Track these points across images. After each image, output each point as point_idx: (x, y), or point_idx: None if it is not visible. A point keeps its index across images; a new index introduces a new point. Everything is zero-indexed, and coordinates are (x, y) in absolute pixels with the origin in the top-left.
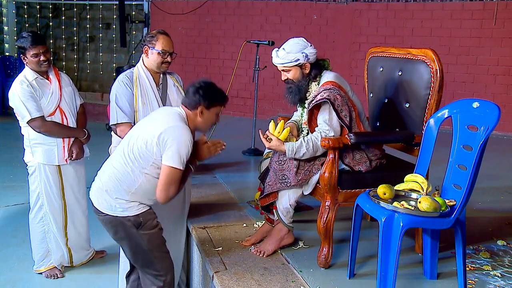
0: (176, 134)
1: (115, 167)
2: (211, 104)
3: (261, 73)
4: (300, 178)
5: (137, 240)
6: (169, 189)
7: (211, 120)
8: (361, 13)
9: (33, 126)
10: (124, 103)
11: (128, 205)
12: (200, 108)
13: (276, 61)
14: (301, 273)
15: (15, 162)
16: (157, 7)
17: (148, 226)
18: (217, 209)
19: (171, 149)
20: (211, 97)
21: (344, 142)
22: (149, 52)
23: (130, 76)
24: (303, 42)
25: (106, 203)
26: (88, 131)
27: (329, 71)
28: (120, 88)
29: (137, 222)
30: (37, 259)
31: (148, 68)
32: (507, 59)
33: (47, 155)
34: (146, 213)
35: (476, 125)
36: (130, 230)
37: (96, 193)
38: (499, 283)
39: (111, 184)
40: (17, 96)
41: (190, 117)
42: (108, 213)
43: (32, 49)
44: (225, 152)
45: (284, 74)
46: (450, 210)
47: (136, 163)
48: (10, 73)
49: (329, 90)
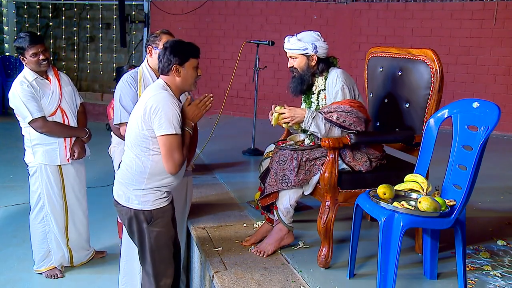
0: (157, 101)
1: (125, 160)
2: (183, 60)
3: (261, 73)
4: (300, 178)
5: (145, 236)
6: (173, 156)
7: (190, 76)
8: (361, 13)
9: (34, 126)
10: (128, 103)
11: (144, 198)
12: (174, 67)
13: (286, 46)
14: (301, 273)
15: (15, 162)
16: (157, 7)
17: (159, 224)
18: (217, 209)
19: (157, 118)
20: (180, 52)
21: (344, 142)
22: (153, 52)
23: (135, 76)
24: (317, 35)
25: (124, 195)
26: (89, 130)
27: (336, 68)
28: (125, 87)
29: (149, 217)
30: (37, 260)
31: (153, 68)
32: (507, 59)
33: (48, 155)
34: (160, 210)
35: (476, 125)
36: (141, 224)
37: (116, 185)
38: (499, 283)
39: (125, 176)
40: (17, 97)
41: (170, 82)
42: (125, 205)
43: (30, 49)
44: (225, 152)
45: (290, 61)
46: (450, 210)
47: (139, 148)
48: (10, 73)
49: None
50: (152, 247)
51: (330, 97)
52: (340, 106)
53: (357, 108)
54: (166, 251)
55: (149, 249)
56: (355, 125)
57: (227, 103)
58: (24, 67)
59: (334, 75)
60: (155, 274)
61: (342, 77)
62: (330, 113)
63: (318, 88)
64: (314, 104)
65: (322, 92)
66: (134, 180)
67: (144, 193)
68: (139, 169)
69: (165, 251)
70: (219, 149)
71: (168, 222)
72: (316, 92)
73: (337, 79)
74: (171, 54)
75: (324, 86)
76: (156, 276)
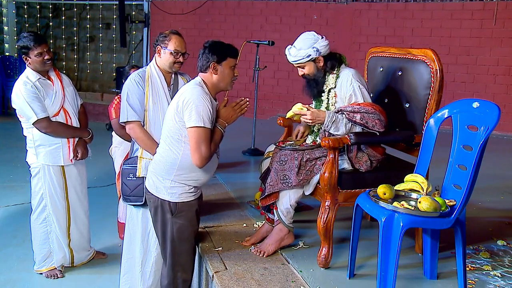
0: (189, 95)
1: (159, 151)
2: (221, 58)
3: (261, 73)
4: (301, 178)
5: (167, 226)
6: (200, 149)
7: (227, 75)
8: (361, 13)
9: (39, 127)
10: (135, 102)
11: (171, 189)
12: (212, 65)
13: (290, 59)
14: (301, 273)
15: (15, 162)
16: (157, 7)
17: (183, 217)
18: (217, 209)
19: (188, 111)
20: (219, 51)
21: (344, 142)
22: (162, 52)
23: (143, 75)
24: (313, 36)
25: (154, 184)
26: (91, 130)
27: (348, 67)
28: (132, 86)
29: (174, 208)
30: (38, 260)
31: (161, 68)
32: (507, 59)
33: (52, 156)
34: (186, 204)
35: (476, 125)
36: (166, 214)
37: (148, 174)
38: (499, 283)
39: (157, 166)
40: (21, 97)
41: (207, 79)
42: (153, 193)
43: (36, 48)
44: (225, 152)
45: (300, 70)
46: (450, 210)
47: (172, 139)
48: (10, 73)
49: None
50: (173, 238)
51: (342, 97)
52: (363, 107)
53: (379, 111)
54: (187, 244)
55: (171, 239)
56: (378, 127)
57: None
58: (26, 68)
59: (348, 74)
60: (172, 265)
61: (356, 77)
62: (354, 113)
63: (328, 87)
64: (325, 102)
65: (332, 90)
66: (164, 170)
67: (172, 184)
68: (171, 160)
69: (186, 244)
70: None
71: (192, 217)
72: (326, 91)
73: (352, 79)
74: (209, 52)
75: (335, 84)
76: (174, 267)
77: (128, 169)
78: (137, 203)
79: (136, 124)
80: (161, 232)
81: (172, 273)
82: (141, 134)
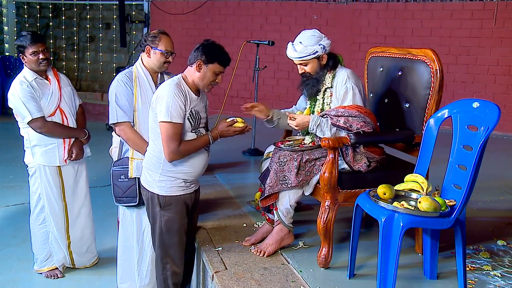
0: (162, 91)
1: (148, 146)
2: (209, 60)
3: (261, 73)
4: (300, 179)
5: (156, 219)
6: (168, 144)
7: (208, 78)
8: (361, 13)
9: (34, 126)
10: (124, 102)
11: (160, 183)
12: (198, 62)
13: (294, 55)
14: (301, 273)
15: (15, 162)
16: (157, 7)
17: (171, 210)
18: (217, 209)
19: (159, 106)
20: (210, 53)
21: (344, 142)
22: (152, 52)
23: (130, 76)
24: (318, 33)
25: (145, 178)
26: (88, 131)
27: (344, 68)
28: (120, 87)
29: (162, 201)
30: (39, 260)
31: (148, 68)
32: (507, 59)
33: (47, 156)
34: (174, 197)
35: (476, 125)
36: (155, 207)
37: (142, 169)
38: (499, 283)
39: (147, 160)
40: (17, 97)
41: (190, 74)
42: (145, 187)
43: (31, 47)
44: (225, 152)
45: (301, 67)
46: (450, 210)
47: (155, 134)
48: (10, 73)
49: (356, 118)
50: (162, 230)
51: (337, 96)
52: (347, 111)
53: (365, 113)
54: (175, 237)
55: (159, 231)
56: (362, 129)
57: (227, 103)
58: (24, 67)
59: (344, 75)
60: (161, 256)
61: (352, 78)
62: (338, 117)
63: (325, 86)
64: (320, 102)
65: (328, 90)
66: (152, 164)
67: (161, 178)
68: (156, 154)
69: (174, 237)
70: (219, 149)
71: (181, 211)
72: (322, 90)
73: (347, 79)
74: (201, 50)
75: (331, 84)
76: (162, 259)
77: (119, 170)
78: (131, 204)
79: (126, 125)
80: (151, 224)
81: (161, 265)
82: (131, 134)
